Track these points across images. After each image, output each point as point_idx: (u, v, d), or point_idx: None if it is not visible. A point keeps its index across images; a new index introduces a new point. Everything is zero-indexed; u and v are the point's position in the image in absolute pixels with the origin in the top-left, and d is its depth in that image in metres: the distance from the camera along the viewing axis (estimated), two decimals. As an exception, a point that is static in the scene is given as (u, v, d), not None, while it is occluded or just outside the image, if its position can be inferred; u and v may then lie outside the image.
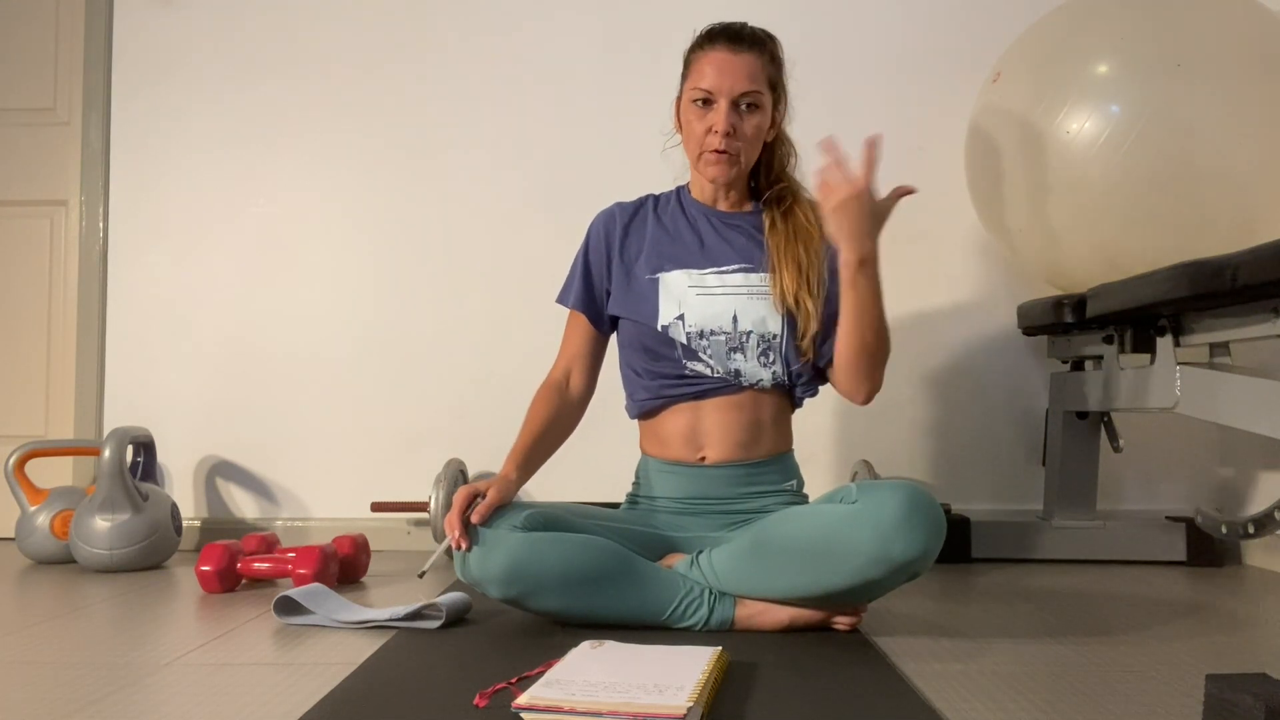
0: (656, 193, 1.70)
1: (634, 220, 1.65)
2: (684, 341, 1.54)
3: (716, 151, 1.53)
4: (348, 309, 2.41)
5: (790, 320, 1.54)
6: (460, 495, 1.38)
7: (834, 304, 1.49)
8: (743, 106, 1.52)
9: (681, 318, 1.55)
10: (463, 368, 2.38)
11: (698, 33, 1.58)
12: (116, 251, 2.45)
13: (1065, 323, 1.96)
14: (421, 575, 1.46)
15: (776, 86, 1.58)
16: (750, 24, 1.57)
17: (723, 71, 1.51)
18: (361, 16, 2.43)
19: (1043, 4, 2.03)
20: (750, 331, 1.53)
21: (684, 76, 1.59)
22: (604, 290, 1.64)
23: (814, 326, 1.51)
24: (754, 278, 1.56)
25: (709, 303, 1.54)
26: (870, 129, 2.31)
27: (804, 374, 1.57)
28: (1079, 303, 1.93)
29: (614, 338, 1.67)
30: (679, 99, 1.61)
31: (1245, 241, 1.51)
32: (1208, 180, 1.75)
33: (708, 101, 1.53)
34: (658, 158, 1.70)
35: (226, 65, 2.45)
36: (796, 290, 1.52)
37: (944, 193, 2.29)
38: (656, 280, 1.57)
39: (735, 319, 1.54)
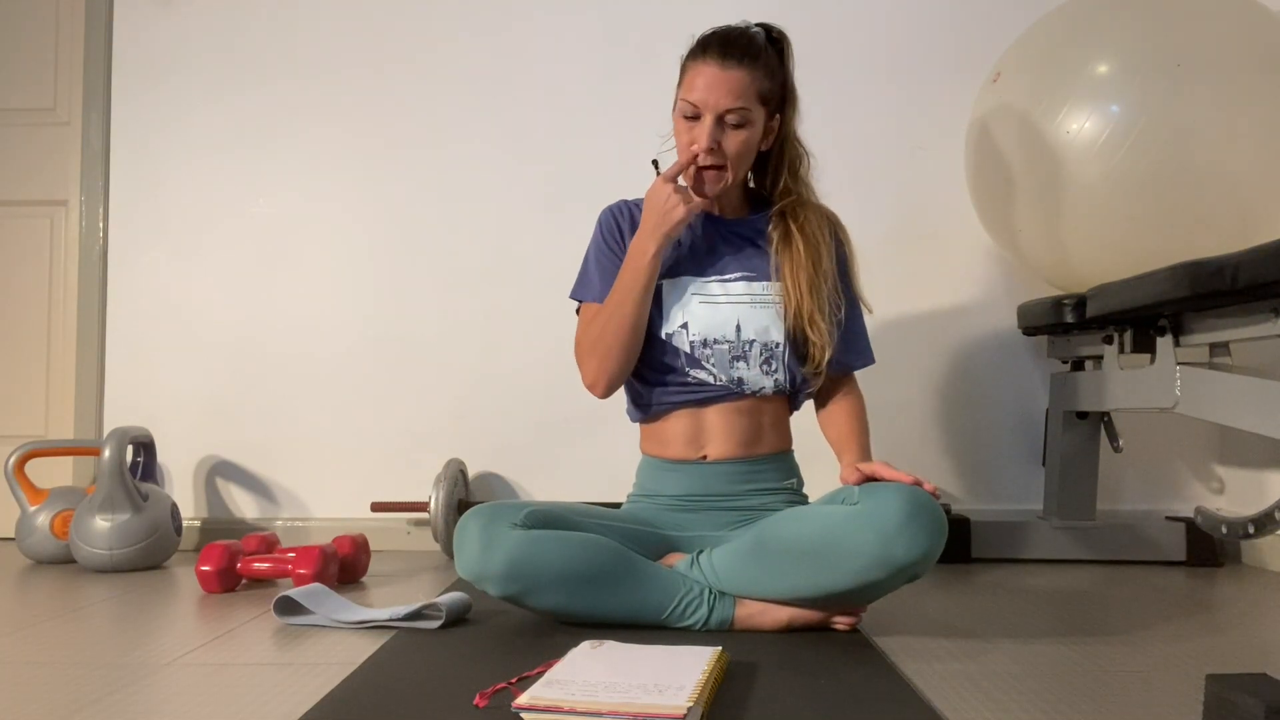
0: None
1: (638, 222, 1.64)
2: (687, 350, 1.54)
3: (701, 168, 1.52)
4: (348, 309, 2.41)
5: (793, 333, 1.54)
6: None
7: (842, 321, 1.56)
8: (729, 123, 1.50)
9: (685, 326, 1.54)
10: (463, 368, 2.38)
11: (695, 38, 1.54)
12: (116, 251, 2.45)
13: (1065, 323, 1.96)
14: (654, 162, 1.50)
15: (771, 98, 1.54)
16: (751, 28, 1.53)
17: (709, 87, 1.48)
18: (361, 16, 2.43)
19: (1043, 4, 2.03)
20: (753, 340, 1.53)
21: (678, 84, 1.56)
22: None
23: (827, 353, 1.52)
24: (756, 286, 1.55)
25: (713, 311, 1.54)
26: (870, 128, 2.35)
27: (806, 379, 1.57)
28: (1079, 303, 1.93)
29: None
30: (675, 104, 1.59)
31: (1245, 241, 1.51)
32: (1207, 180, 1.75)
33: (695, 115, 1.51)
34: (657, 158, 1.69)
35: (226, 65, 2.45)
36: (812, 312, 1.52)
37: (944, 193, 2.30)
38: (660, 287, 1.56)
39: (739, 328, 1.53)
